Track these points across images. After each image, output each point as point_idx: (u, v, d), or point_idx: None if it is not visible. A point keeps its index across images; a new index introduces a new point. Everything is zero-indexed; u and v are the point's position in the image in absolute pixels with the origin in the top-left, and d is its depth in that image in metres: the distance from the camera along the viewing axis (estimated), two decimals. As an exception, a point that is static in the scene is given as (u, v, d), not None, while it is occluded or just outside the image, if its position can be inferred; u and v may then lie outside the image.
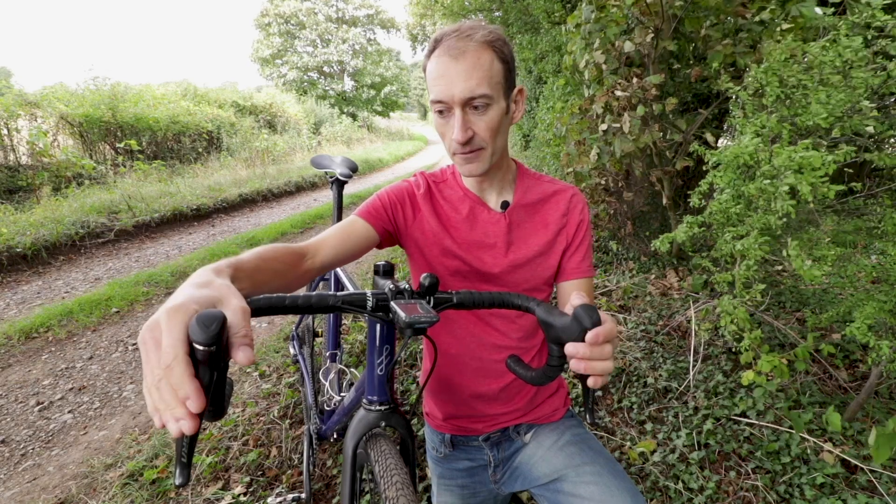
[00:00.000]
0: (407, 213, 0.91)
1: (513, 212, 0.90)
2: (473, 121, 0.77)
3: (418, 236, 0.90)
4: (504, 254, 0.89)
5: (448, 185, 0.93)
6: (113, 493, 1.66)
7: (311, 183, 9.03)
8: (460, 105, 0.75)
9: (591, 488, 0.82)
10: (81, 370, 2.58)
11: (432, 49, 0.78)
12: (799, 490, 1.47)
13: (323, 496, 1.63)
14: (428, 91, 0.82)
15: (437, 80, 0.76)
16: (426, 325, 0.56)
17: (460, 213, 0.90)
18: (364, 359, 2.46)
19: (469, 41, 0.74)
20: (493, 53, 0.76)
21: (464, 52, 0.73)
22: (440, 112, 0.78)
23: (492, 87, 0.75)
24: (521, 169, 0.95)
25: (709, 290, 2.55)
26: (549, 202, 0.92)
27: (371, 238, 0.85)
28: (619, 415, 1.92)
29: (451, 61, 0.74)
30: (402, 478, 0.67)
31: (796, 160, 1.20)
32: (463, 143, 0.77)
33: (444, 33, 0.77)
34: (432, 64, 0.77)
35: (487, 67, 0.75)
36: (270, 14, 21.50)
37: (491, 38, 0.76)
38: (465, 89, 0.74)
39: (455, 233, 0.90)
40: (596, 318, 0.54)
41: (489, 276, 0.89)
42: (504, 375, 0.94)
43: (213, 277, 0.49)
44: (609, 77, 2.51)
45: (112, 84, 8.63)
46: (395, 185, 0.93)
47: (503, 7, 8.62)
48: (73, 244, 4.65)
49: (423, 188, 0.92)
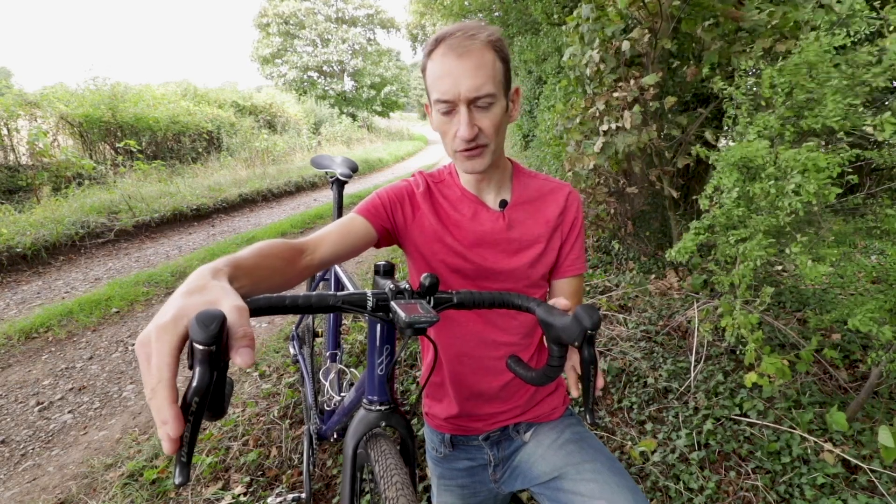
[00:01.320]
0: (406, 211, 0.91)
1: (511, 210, 0.91)
2: (478, 118, 0.78)
3: (417, 235, 0.91)
4: (504, 252, 0.90)
5: (446, 184, 0.94)
6: (113, 493, 1.66)
7: (310, 183, 9.02)
8: (466, 103, 0.76)
9: (591, 485, 0.82)
10: (81, 370, 2.58)
11: (432, 48, 0.78)
12: (799, 490, 1.47)
13: (323, 496, 1.62)
14: (427, 91, 0.82)
15: (442, 79, 0.76)
16: (426, 325, 0.56)
17: (460, 213, 0.91)
18: (364, 359, 2.46)
19: (474, 40, 0.75)
20: (495, 53, 0.77)
21: (469, 50, 0.74)
22: (444, 111, 0.79)
23: (495, 85, 0.77)
24: (516, 168, 0.96)
25: (709, 290, 2.55)
26: (545, 199, 0.93)
27: (370, 236, 0.85)
28: (619, 415, 1.92)
29: (456, 60, 0.75)
30: (403, 478, 0.67)
31: (802, 161, 1.21)
32: (469, 139, 0.78)
33: (447, 33, 0.77)
34: (434, 63, 0.78)
35: (491, 66, 0.76)
36: (269, 14, 21.49)
37: (493, 38, 0.77)
38: (471, 87, 0.75)
39: (456, 231, 0.90)
40: (596, 319, 0.54)
41: (491, 274, 0.90)
42: (504, 373, 0.94)
43: (208, 280, 0.48)
44: (608, 76, 2.51)
45: (112, 84, 8.62)
46: (395, 185, 0.93)
47: (503, 7, 8.61)
48: (73, 244, 4.65)
49: (423, 187, 0.93)
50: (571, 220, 0.93)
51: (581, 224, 0.95)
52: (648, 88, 2.27)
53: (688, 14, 2.21)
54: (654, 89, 2.29)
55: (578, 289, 0.97)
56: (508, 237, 0.90)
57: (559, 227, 0.93)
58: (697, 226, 1.55)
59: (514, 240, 0.90)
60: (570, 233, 0.94)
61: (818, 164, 1.18)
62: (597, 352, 0.58)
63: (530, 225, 0.91)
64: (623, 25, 2.44)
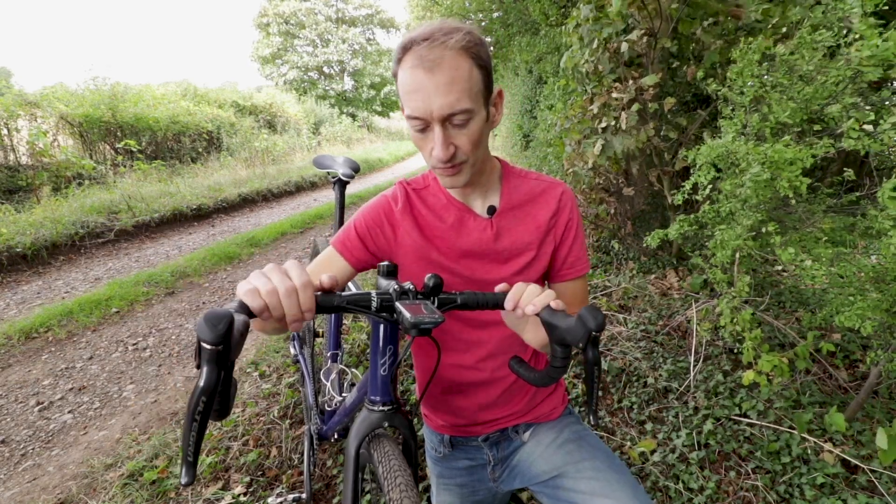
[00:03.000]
0: (387, 234, 0.87)
1: (500, 217, 0.86)
2: (454, 135, 0.72)
3: (402, 255, 0.87)
4: (493, 262, 0.87)
5: (430, 191, 0.88)
6: (113, 493, 1.66)
7: (311, 183, 9.03)
8: (440, 121, 0.69)
9: (591, 483, 0.82)
10: (81, 370, 2.58)
11: (401, 56, 0.70)
12: (799, 490, 1.47)
13: (323, 496, 1.63)
14: (401, 102, 0.74)
15: (412, 96, 0.69)
16: (431, 326, 0.56)
17: (445, 222, 0.86)
18: (364, 359, 2.46)
19: (444, 49, 0.67)
20: (471, 60, 0.69)
21: (439, 63, 0.66)
22: (418, 129, 0.73)
23: (472, 99, 0.69)
24: (505, 168, 0.90)
25: (708, 290, 2.55)
26: (537, 201, 0.88)
27: (348, 272, 0.86)
28: (619, 415, 1.92)
29: (425, 74, 0.67)
30: (406, 479, 0.67)
31: (769, 155, 1.23)
32: (445, 160, 0.73)
33: (415, 38, 0.69)
34: (404, 75, 0.70)
35: (466, 78, 0.68)
36: (269, 14, 21.49)
37: (467, 42, 0.68)
38: (444, 105, 0.68)
39: (441, 243, 0.86)
40: (601, 320, 0.54)
41: (482, 285, 0.87)
42: (503, 381, 0.93)
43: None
44: (608, 77, 2.51)
45: (112, 84, 8.62)
46: (372, 205, 0.88)
47: (503, 7, 8.60)
48: (73, 244, 4.65)
49: (402, 202, 0.87)
50: (565, 222, 0.88)
51: (577, 223, 0.90)
52: (648, 89, 2.27)
53: (686, 15, 2.22)
54: (654, 90, 2.29)
55: (582, 290, 0.94)
56: (496, 248, 0.86)
57: (552, 230, 0.88)
58: (683, 219, 1.62)
59: (504, 249, 0.86)
60: (564, 235, 0.89)
61: (785, 157, 1.22)
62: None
63: (520, 232, 0.87)
64: (623, 26, 2.44)
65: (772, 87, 1.41)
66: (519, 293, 0.64)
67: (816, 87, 1.27)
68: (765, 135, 1.42)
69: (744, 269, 1.61)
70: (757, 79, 1.45)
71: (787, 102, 1.33)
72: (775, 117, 1.35)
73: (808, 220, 1.52)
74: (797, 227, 1.56)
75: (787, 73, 1.38)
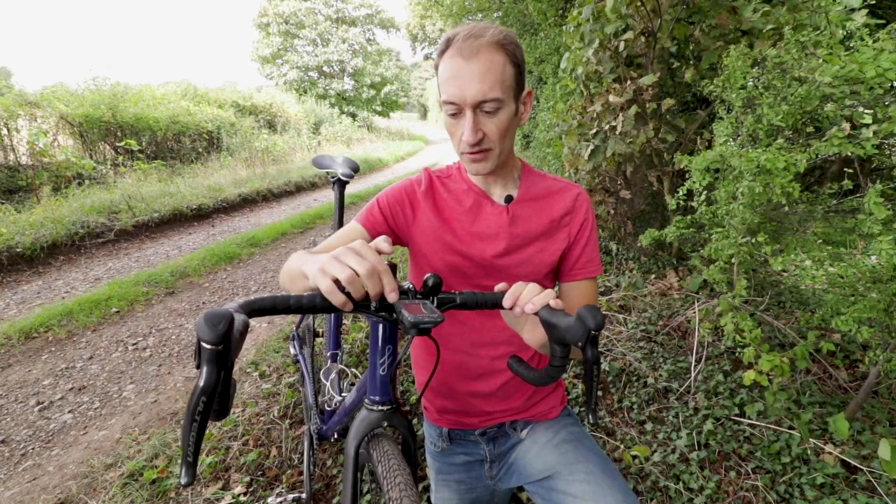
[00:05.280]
0: (407, 213, 0.91)
1: (516, 205, 0.91)
2: (484, 122, 0.78)
3: (419, 235, 0.91)
4: (505, 245, 0.89)
5: (453, 179, 0.94)
6: (113, 493, 1.66)
7: (311, 183, 9.02)
8: (472, 107, 0.76)
9: (582, 486, 0.82)
10: (81, 370, 2.58)
11: (444, 49, 0.78)
12: (799, 490, 1.47)
13: (323, 496, 1.63)
14: (439, 90, 0.82)
15: (450, 81, 0.76)
16: (431, 326, 0.56)
17: (463, 206, 0.91)
18: (364, 359, 2.46)
19: (480, 40, 0.74)
20: (506, 56, 0.76)
21: (476, 52, 0.74)
22: (451, 113, 0.79)
23: (503, 90, 0.76)
24: (525, 167, 0.96)
25: (708, 290, 2.55)
26: (553, 198, 0.93)
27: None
28: (619, 415, 1.92)
29: (463, 62, 0.74)
30: (406, 479, 0.67)
31: (762, 164, 1.24)
32: (473, 143, 0.78)
33: (457, 33, 0.77)
34: (444, 64, 0.77)
35: (500, 70, 0.75)
36: (269, 14, 21.48)
37: (502, 38, 0.75)
38: (477, 92, 0.74)
39: (456, 225, 0.90)
40: (600, 319, 0.54)
41: (490, 269, 0.90)
42: (502, 373, 0.94)
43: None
44: (608, 77, 2.51)
45: (112, 84, 8.62)
46: (397, 186, 0.93)
47: (503, 8, 8.60)
48: (73, 244, 4.64)
49: (425, 185, 0.93)
50: (581, 222, 0.92)
51: (592, 225, 0.94)
52: (647, 89, 2.27)
53: (683, 17, 2.22)
54: (653, 90, 2.29)
55: (592, 292, 0.95)
56: (511, 232, 0.90)
57: (566, 227, 0.92)
58: (679, 221, 1.63)
59: (517, 235, 0.90)
60: (579, 234, 0.93)
61: (777, 165, 1.22)
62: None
63: (534, 221, 0.91)
64: (623, 25, 2.43)
65: (765, 89, 1.42)
66: (518, 292, 0.65)
67: (809, 89, 1.27)
68: (759, 136, 1.43)
69: (742, 269, 1.61)
70: (744, 85, 1.46)
71: (779, 105, 1.33)
72: (768, 120, 1.35)
73: (807, 222, 1.52)
74: (797, 228, 1.56)
75: (779, 76, 1.38)
